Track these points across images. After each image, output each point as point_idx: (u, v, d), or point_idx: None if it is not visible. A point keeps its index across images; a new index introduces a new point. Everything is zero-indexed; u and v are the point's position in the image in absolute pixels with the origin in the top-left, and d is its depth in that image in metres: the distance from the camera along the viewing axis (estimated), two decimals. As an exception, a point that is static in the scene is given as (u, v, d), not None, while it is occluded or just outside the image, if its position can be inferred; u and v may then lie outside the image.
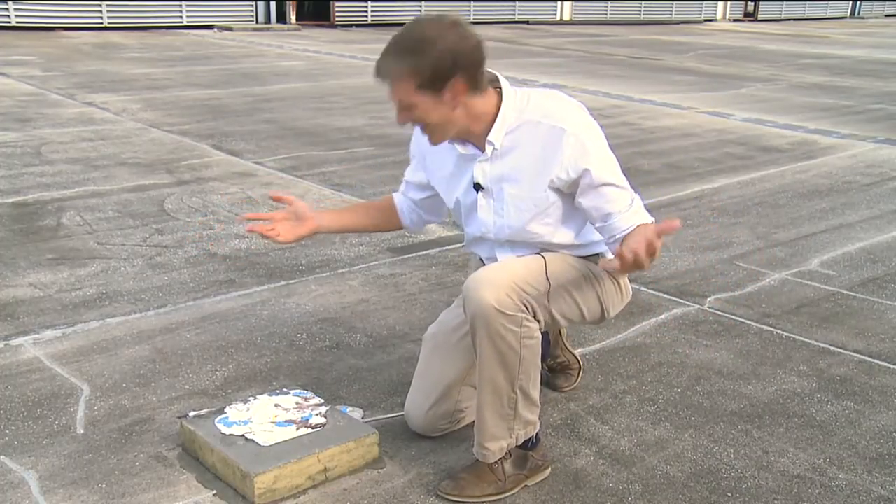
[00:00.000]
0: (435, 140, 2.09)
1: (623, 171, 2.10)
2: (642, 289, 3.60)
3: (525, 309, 2.01)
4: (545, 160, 2.06)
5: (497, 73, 2.10)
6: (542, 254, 2.17)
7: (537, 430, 2.19)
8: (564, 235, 2.18)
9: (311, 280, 3.63)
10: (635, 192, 2.11)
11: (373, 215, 2.49)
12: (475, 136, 2.11)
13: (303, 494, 2.14)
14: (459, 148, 2.15)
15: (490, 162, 2.13)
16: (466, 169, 2.18)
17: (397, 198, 2.49)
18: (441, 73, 1.94)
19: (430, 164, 2.31)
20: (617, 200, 2.05)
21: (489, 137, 2.09)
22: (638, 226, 2.00)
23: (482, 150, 2.13)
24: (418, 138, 2.31)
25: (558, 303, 2.11)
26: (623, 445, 2.41)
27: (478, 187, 2.17)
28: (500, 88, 2.09)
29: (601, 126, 2.12)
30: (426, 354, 2.38)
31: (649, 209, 2.14)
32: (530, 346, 2.04)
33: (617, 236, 2.06)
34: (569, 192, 2.10)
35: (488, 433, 2.11)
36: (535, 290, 2.04)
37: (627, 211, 2.04)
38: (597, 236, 2.19)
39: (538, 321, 2.06)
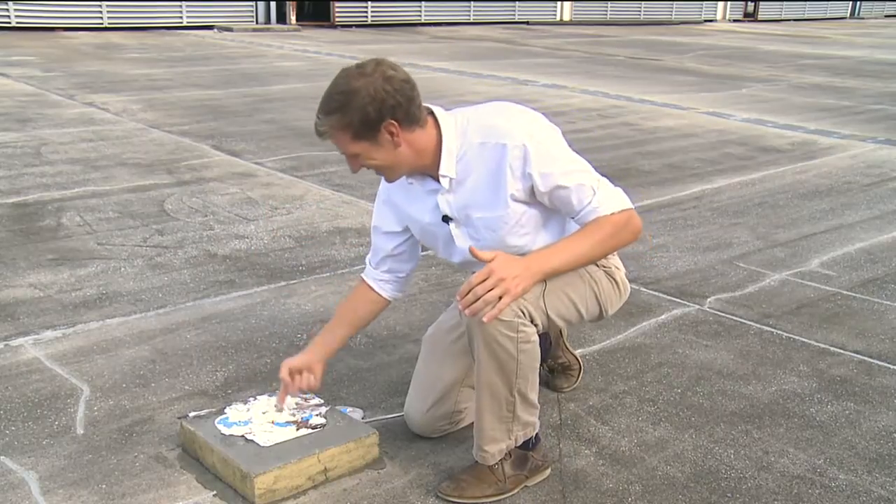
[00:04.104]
0: (390, 178, 2.14)
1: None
2: (642, 289, 3.60)
3: (521, 314, 2.00)
4: (497, 179, 2.06)
5: (431, 106, 2.10)
6: None
7: (536, 430, 2.19)
8: (546, 239, 2.16)
9: (311, 280, 3.63)
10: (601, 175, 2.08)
11: (360, 313, 2.40)
12: (430, 170, 2.11)
13: (303, 495, 2.14)
14: (419, 186, 2.16)
15: (452, 193, 2.13)
16: (434, 203, 2.17)
17: (369, 278, 2.40)
18: (370, 121, 1.97)
19: (399, 203, 2.28)
20: (576, 199, 2.03)
21: (441, 171, 2.08)
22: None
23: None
24: (384, 183, 2.29)
25: (555, 305, 2.10)
26: (623, 446, 2.41)
27: (446, 219, 2.17)
28: (437, 119, 2.08)
29: (570, 123, 2.10)
30: (424, 356, 2.39)
31: (646, 211, 2.13)
32: (527, 350, 2.03)
33: None
34: (534, 200, 2.09)
35: (487, 436, 2.11)
36: (531, 294, 2.03)
37: (592, 201, 2.02)
38: None
39: (535, 325, 2.05)
